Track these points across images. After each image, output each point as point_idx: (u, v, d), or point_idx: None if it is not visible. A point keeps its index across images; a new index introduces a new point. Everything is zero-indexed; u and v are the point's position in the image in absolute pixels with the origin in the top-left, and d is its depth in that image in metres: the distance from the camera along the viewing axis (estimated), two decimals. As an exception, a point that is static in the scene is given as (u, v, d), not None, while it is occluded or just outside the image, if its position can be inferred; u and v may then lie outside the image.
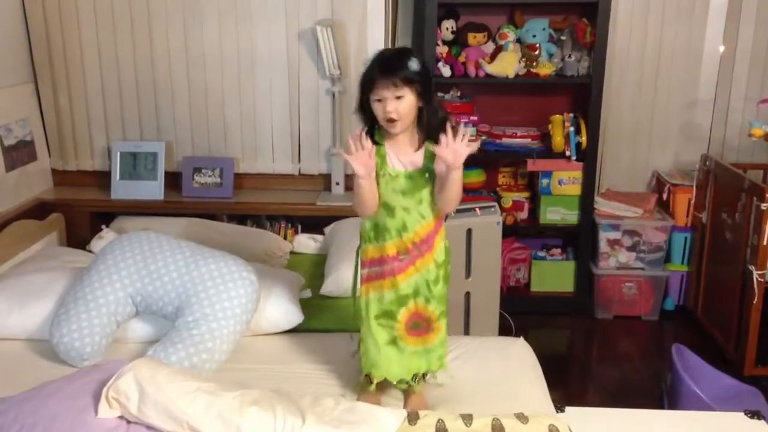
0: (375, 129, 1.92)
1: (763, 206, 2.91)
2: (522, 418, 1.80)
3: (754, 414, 2.14)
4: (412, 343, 2.00)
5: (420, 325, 1.99)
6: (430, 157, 1.90)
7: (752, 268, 2.98)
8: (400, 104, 1.82)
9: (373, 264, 1.98)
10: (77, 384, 1.75)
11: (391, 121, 1.84)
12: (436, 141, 1.84)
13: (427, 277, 1.96)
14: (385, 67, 1.83)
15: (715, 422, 2.11)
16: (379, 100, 1.83)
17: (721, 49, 3.66)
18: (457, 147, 1.81)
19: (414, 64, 1.83)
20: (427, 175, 1.92)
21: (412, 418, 1.80)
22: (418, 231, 1.94)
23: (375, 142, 1.88)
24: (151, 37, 3.47)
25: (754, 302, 2.98)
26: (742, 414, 2.15)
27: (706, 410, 2.39)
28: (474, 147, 1.85)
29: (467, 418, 1.80)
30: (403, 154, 1.91)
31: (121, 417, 1.68)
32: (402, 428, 1.75)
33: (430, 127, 1.89)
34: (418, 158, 1.91)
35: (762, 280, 2.97)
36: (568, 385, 3.14)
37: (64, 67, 3.51)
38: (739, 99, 3.72)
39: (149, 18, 3.45)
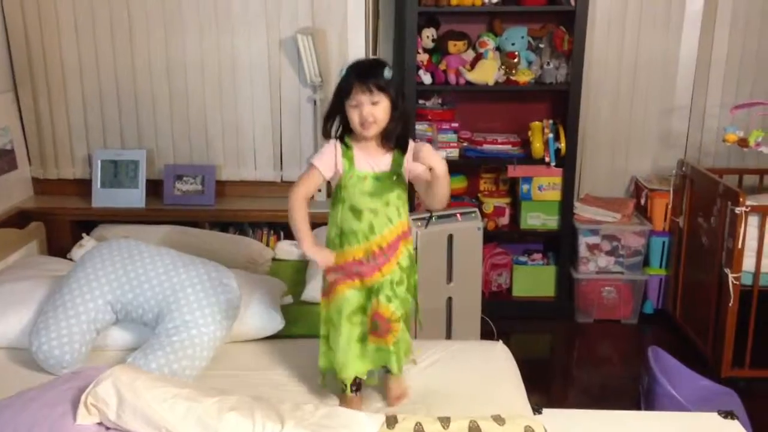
0: (344, 134, 1.99)
1: (738, 210, 2.96)
2: (499, 420, 1.82)
3: (728, 414, 2.17)
4: (371, 341, 2.04)
5: (379, 326, 2.01)
6: (398, 160, 1.98)
7: (728, 271, 3.03)
8: (375, 109, 1.91)
9: (338, 269, 2.01)
10: (55, 391, 1.75)
11: (367, 124, 1.91)
12: (401, 149, 1.97)
13: (391, 278, 2.00)
14: (363, 74, 1.91)
15: (689, 422, 2.14)
16: (356, 106, 1.90)
17: (696, 56, 3.73)
18: (434, 160, 1.91)
19: (388, 73, 1.92)
20: (394, 177, 1.98)
21: (391, 422, 1.82)
22: (385, 235, 1.98)
23: (344, 144, 1.97)
24: (131, 45, 3.48)
25: (730, 305, 3.03)
26: (716, 414, 2.18)
27: (681, 411, 2.43)
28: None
29: (445, 421, 1.82)
30: (371, 157, 1.98)
31: (99, 423, 1.68)
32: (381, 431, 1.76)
33: (398, 136, 1.97)
34: (386, 161, 1.98)
35: (737, 283, 3.02)
36: (549, 388, 3.17)
37: (45, 75, 3.50)
38: (714, 105, 3.79)
39: (130, 26, 3.46)
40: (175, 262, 2.38)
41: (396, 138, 1.97)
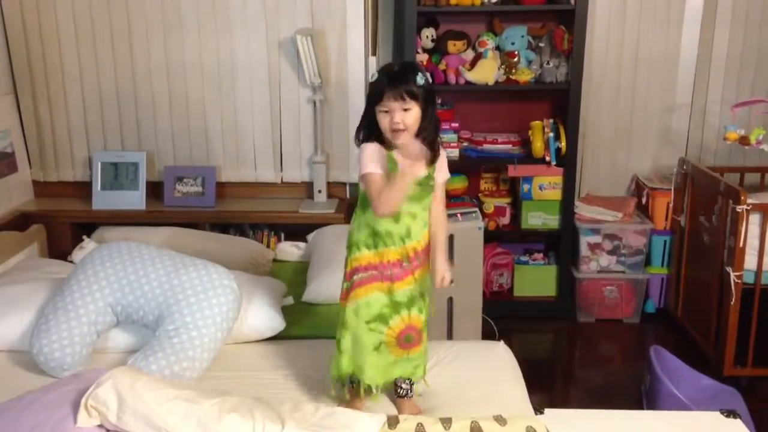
0: (379, 138, 1.95)
1: (739, 208, 2.95)
2: (500, 420, 1.82)
3: (730, 413, 2.17)
4: (396, 353, 2.01)
5: (411, 338, 2.00)
6: (432, 166, 1.98)
7: (729, 269, 3.02)
8: (406, 116, 1.89)
9: (369, 269, 1.97)
10: (56, 394, 1.75)
11: (397, 131, 1.89)
12: (432, 149, 1.94)
13: (421, 288, 2.00)
14: (395, 80, 1.89)
15: (691, 422, 2.13)
16: (386, 111, 1.89)
17: (696, 53, 3.72)
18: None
19: (420, 79, 1.90)
20: (431, 182, 1.99)
21: (392, 422, 1.81)
22: (421, 240, 1.97)
23: (385, 147, 1.94)
24: (131, 48, 3.48)
25: (732, 303, 3.02)
26: (718, 413, 2.17)
27: (684, 410, 2.42)
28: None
29: (446, 422, 1.81)
30: (408, 162, 1.93)
31: (100, 426, 1.68)
32: (381, 432, 1.76)
33: (427, 140, 1.94)
34: (422, 166, 1.94)
35: (739, 281, 3.01)
36: (551, 388, 3.16)
37: (44, 77, 3.51)
38: (715, 103, 3.78)
39: (129, 28, 3.46)
40: (176, 264, 2.38)
41: (431, 144, 1.93)
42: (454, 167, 3.71)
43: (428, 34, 3.56)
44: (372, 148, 1.93)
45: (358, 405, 2.07)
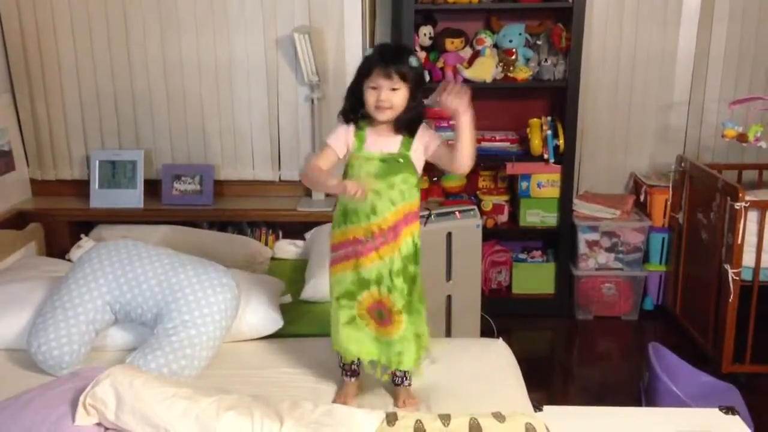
0: (359, 114, 1.98)
1: (737, 206, 2.95)
2: (499, 417, 1.82)
3: (729, 409, 2.17)
4: (371, 327, 2.03)
5: (383, 315, 2.02)
6: (407, 144, 1.97)
7: (727, 266, 3.03)
8: (393, 95, 1.90)
9: (338, 247, 2.02)
10: (54, 392, 1.74)
11: (381, 109, 1.90)
12: (412, 134, 1.96)
13: (390, 267, 1.98)
14: (387, 57, 1.91)
15: (690, 418, 2.14)
16: (374, 88, 1.90)
17: (694, 51, 3.72)
18: (452, 98, 1.85)
19: (414, 61, 1.91)
20: (401, 160, 1.96)
21: (391, 419, 1.81)
22: (387, 217, 1.96)
23: (358, 125, 1.98)
24: (128, 46, 3.47)
25: (730, 300, 3.03)
26: (716, 410, 2.18)
27: (682, 407, 2.42)
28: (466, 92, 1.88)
29: (445, 419, 1.81)
30: (382, 137, 1.97)
31: (98, 424, 1.68)
32: (380, 429, 1.75)
33: (410, 121, 1.96)
34: (395, 144, 1.97)
35: (737, 278, 3.01)
36: (549, 385, 3.16)
37: (42, 76, 3.50)
38: (713, 100, 3.78)
39: (126, 26, 3.45)
40: (174, 262, 2.37)
41: (408, 124, 1.96)
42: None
43: (426, 32, 3.56)
44: (341, 129, 1.99)
45: (350, 391, 2.10)
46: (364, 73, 1.92)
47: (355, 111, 1.98)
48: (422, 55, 3.54)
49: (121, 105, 3.55)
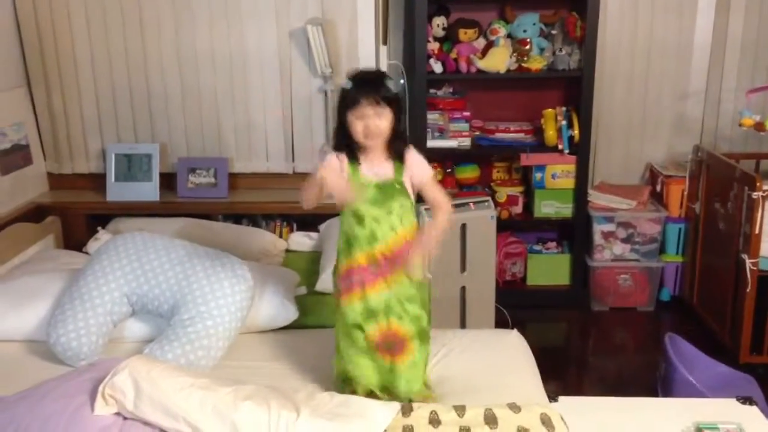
0: (351, 144, 1.96)
1: (755, 195, 2.93)
2: (514, 407, 1.82)
3: (746, 400, 2.16)
4: (386, 360, 2.00)
5: (393, 346, 1.99)
6: (399, 169, 1.98)
7: (745, 256, 3.00)
8: (380, 122, 1.91)
9: (345, 278, 2.00)
10: (73, 383, 1.77)
11: (374, 136, 1.92)
12: (401, 158, 1.98)
13: (399, 296, 1.97)
14: (369, 86, 1.92)
15: (707, 409, 2.12)
16: (361, 117, 1.91)
17: (711, 39, 3.68)
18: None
19: (393, 86, 1.95)
20: (397, 186, 1.97)
21: (406, 410, 1.82)
22: (389, 243, 1.95)
23: (351, 156, 1.97)
24: (143, 40, 3.48)
25: (748, 290, 3.00)
26: (734, 400, 2.16)
27: (699, 398, 2.41)
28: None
29: (460, 409, 1.82)
30: (375, 166, 1.97)
31: (117, 414, 1.70)
32: (396, 420, 1.77)
33: (398, 145, 1.98)
34: (389, 169, 1.98)
35: (755, 268, 2.98)
36: (565, 376, 3.15)
37: (57, 70, 3.52)
38: (729, 89, 3.74)
39: (141, 20, 3.46)
40: (190, 254, 2.39)
41: (399, 148, 1.98)
42: (466, 156, 3.75)
43: (439, 23, 3.54)
44: (334, 157, 1.97)
45: None
46: (348, 104, 1.91)
47: (349, 146, 1.96)
48: (435, 46, 3.53)
49: (137, 99, 3.57)
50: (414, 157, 1.99)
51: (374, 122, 1.90)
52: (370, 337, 1.98)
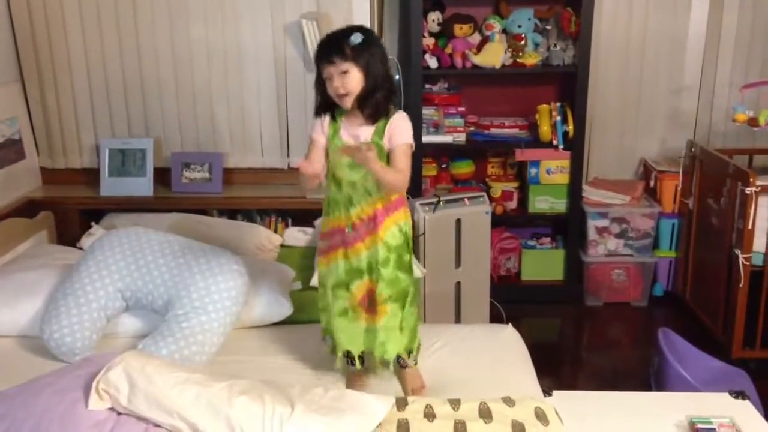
0: (333, 106, 1.97)
1: (748, 190, 2.94)
2: (509, 401, 1.83)
3: (739, 394, 2.17)
4: (362, 318, 2.03)
5: (372, 305, 2.02)
6: (380, 133, 1.93)
7: (738, 252, 3.01)
8: (345, 79, 1.87)
9: (326, 236, 2.04)
10: (67, 378, 1.76)
11: (340, 96, 1.89)
12: (381, 118, 1.93)
13: (376, 257, 1.97)
14: (324, 46, 1.90)
15: (700, 403, 2.13)
16: (328, 78, 1.89)
17: (705, 34, 3.69)
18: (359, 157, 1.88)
19: (355, 39, 1.86)
20: (375, 149, 1.91)
21: (401, 404, 1.82)
22: (365, 207, 1.96)
23: (333, 118, 1.97)
24: (137, 34, 3.47)
25: (740, 285, 3.01)
26: (727, 395, 2.17)
27: (692, 392, 2.42)
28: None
29: (455, 403, 1.82)
30: (354, 128, 1.96)
31: (111, 409, 1.69)
32: (391, 414, 1.77)
33: (375, 105, 1.91)
34: (368, 132, 1.94)
35: (747, 263, 3.00)
36: (559, 371, 3.16)
37: (51, 65, 3.50)
38: (723, 84, 3.75)
39: (135, 14, 3.44)
40: (184, 250, 2.39)
41: (377, 106, 1.91)
42: (461, 152, 3.75)
43: (434, 18, 3.54)
44: (318, 121, 1.99)
45: (358, 381, 2.11)
46: (318, 67, 1.91)
47: (326, 104, 1.96)
48: (430, 41, 3.53)
49: (131, 93, 3.56)
50: (397, 121, 1.93)
51: (338, 81, 1.86)
52: (354, 294, 2.01)
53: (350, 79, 1.86)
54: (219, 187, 3.50)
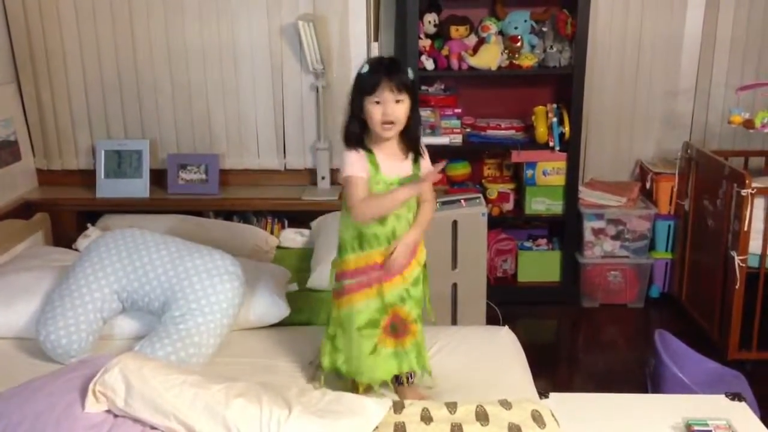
0: (362, 136, 1.92)
1: (744, 192, 2.94)
2: (506, 404, 1.83)
3: (735, 396, 2.17)
4: (389, 344, 2.01)
5: (397, 328, 2.00)
6: (417, 166, 1.97)
7: (734, 253, 3.02)
8: (398, 108, 1.86)
9: (357, 274, 1.96)
10: (63, 380, 1.75)
11: (388, 123, 1.87)
12: (416, 150, 1.97)
13: (409, 281, 1.99)
14: (390, 70, 1.86)
15: (696, 405, 2.14)
16: (379, 102, 1.85)
17: (700, 36, 3.70)
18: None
19: (411, 73, 1.91)
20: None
21: (398, 407, 1.82)
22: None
23: (366, 150, 1.92)
24: (132, 35, 3.47)
25: (736, 287, 3.02)
26: (723, 396, 2.18)
27: (688, 394, 2.42)
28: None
29: (452, 406, 1.82)
30: (395, 162, 1.94)
31: (108, 411, 1.69)
32: (387, 417, 1.77)
33: (414, 137, 1.96)
34: (408, 166, 1.96)
35: (743, 265, 3.00)
36: (555, 373, 3.17)
37: (46, 66, 3.50)
38: (719, 86, 3.76)
39: (131, 15, 3.44)
40: (181, 251, 2.38)
41: (417, 141, 1.96)
42: (457, 153, 3.75)
43: (430, 20, 3.54)
44: (355, 156, 1.91)
45: (411, 393, 2.06)
46: (366, 89, 1.85)
47: (361, 134, 1.91)
48: (427, 42, 3.53)
49: (127, 95, 3.55)
50: (426, 155, 2.00)
51: (393, 108, 1.85)
52: (381, 328, 1.98)
53: (402, 110, 1.87)
54: (215, 188, 3.50)
